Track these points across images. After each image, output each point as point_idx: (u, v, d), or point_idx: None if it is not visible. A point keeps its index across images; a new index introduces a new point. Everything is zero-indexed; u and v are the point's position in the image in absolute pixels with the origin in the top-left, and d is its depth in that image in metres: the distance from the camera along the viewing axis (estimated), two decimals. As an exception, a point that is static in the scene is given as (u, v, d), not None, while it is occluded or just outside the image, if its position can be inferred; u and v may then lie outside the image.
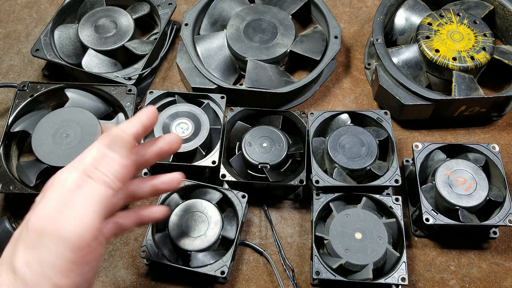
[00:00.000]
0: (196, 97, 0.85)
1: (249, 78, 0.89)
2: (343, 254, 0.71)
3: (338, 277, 0.70)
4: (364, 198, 0.77)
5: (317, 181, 0.76)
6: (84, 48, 0.94)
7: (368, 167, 0.78)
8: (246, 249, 0.80)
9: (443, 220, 0.73)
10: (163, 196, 0.77)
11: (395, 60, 0.90)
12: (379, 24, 0.92)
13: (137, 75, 0.89)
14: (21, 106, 0.84)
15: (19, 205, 0.84)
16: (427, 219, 0.73)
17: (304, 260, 0.79)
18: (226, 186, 0.82)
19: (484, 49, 0.88)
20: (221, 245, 0.77)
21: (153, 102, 0.84)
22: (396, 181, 0.76)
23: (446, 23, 0.91)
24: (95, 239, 0.50)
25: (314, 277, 0.71)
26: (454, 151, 0.82)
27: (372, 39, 0.92)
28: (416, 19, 0.95)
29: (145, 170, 0.86)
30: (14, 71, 0.99)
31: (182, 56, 0.92)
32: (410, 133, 0.92)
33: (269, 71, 0.90)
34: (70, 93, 0.85)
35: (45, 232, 0.49)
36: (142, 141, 0.75)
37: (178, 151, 0.79)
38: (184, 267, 0.72)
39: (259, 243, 0.81)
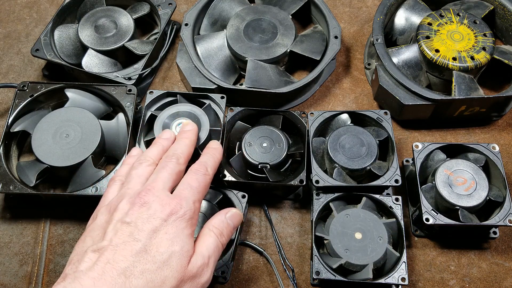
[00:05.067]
0: (196, 97, 0.85)
1: (249, 78, 0.89)
2: (343, 254, 0.71)
3: (338, 277, 0.70)
4: (364, 198, 0.77)
5: (317, 181, 0.76)
6: (84, 48, 0.94)
7: (368, 167, 0.78)
8: (246, 249, 0.80)
9: (443, 220, 0.73)
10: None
11: (395, 60, 0.90)
12: (379, 24, 0.92)
13: (137, 75, 0.89)
14: (21, 106, 0.84)
15: (19, 205, 0.84)
16: (427, 219, 0.73)
17: (304, 260, 0.79)
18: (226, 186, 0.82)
19: (484, 49, 0.88)
20: (221, 245, 0.77)
21: (153, 102, 0.84)
22: (396, 181, 0.76)
23: (446, 23, 0.91)
24: None
25: (314, 277, 0.71)
26: (454, 151, 0.82)
27: (372, 39, 0.92)
28: (416, 19, 0.95)
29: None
30: (14, 71, 0.99)
31: (182, 56, 0.92)
32: (410, 133, 0.92)
33: (269, 71, 0.90)
34: (70, 93, 0.85)
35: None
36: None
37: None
38: (184, 267, 0.72)
39: (259, 243, 0.81)
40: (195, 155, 0.69)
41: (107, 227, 0.57)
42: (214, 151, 0.69)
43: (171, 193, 0.61)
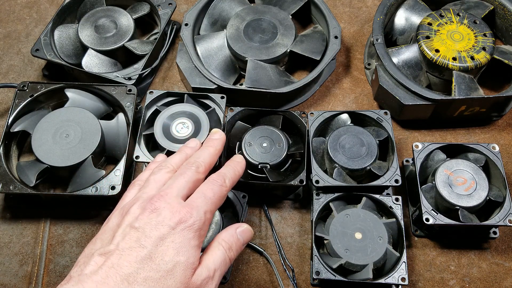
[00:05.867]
0: (196, 97, 0.85)
1: (249, 78, 0.89)
2: (343, 254, 0.71)
3: (338, 277, 0.70)
4: (364, 198, 0.77)
5: (317, 181, 0.76)
6: (84, 48, 0.94)
7: (368, 167, 0.78)
8: (246, 249, 0.80)
9: (443, 220, 0.73)
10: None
11: (395, 60, 0.90)
12: (379, 24, 0.92)
13: (137, 75, 0.89)
14: (21, 106, 0.84)
15: (19, 205, 0.84)
16: (427, 219, 0.73)
17: (304, 260, 0.79)
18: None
19: (484, 49, 0.88)
20: (221, 245, 0.77)
21: (153, 102, 0.84)
22: (396, 181, 0.76)
23: (446, 23, 0.91)
24: None
25: (314, 277, 0.71)
26: (454, 151, 0.82)
27: (372, 39, 0.92)
28: (416, 19, 0.95)
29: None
30: (14, 71, 0.99)
31: (182, 56, 0.92)
32: (410, 133, 0.92)
33: (269, 71, 0.90)
34: (70, 93, 0.85)
35: None
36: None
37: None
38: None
39: (259, 243, 0.81)
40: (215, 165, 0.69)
41: (116, 231, 0.56)
42: (236, 165, 0.68)
43: (185, 201, 0.60)
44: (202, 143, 0.70)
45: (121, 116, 0.84)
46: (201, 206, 0.58)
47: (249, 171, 0.81)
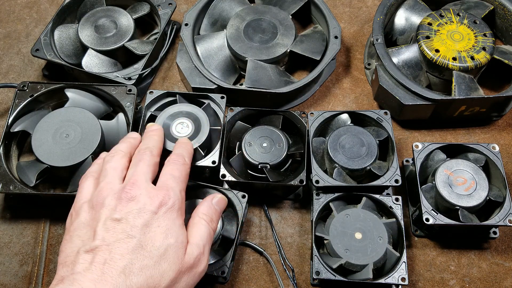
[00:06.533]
0: (196, 97, 0.85)
1: (249, 78, 0.89)
2: (343, 254, 0.71)
3: (338, 277, 0.70)
4: (364, 198, 0.77)
5: (317, 181, 0.76)
6: (84, 48, 0.94)
7: (368, 167, 0.78)
8: (246, 249, 0.80)
9: (443, 220, 0.73)
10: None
11: (395, 60, 0.90)
12: (379, 24, 0.92)
13: (137, 75, 0.89)
14: (21, 106, 0.84)
15: (19, 205, 0.84)
16: (427, 219, 0.73)
17: (304, 260, 0.79)
18: (226, 186, 0.82)
19: (484, 49, 0.88)
20: (221, 245, 0.77)
21: (153, 102, 0.84)
22: (396, 181, 0.76)
23: (446, 23, 0.91)
24: None
25: (314, 277, 0.71)
26: (454, 151, 0.82)
27: (372, 39, 0.92)
28: (416, 19, 0.95)
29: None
30: (14, 71, 0.99)
31: (182, 56, 0.92)
32: (410, 133, 0.92)
33: (269, 71, 0.90)
34: (70, 93, 0.85)
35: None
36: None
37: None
38: (184, 267, 0.72)
39: (259, 243, 0.81)
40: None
41: (96, 225, 0.55)
42: (185, 145, 0.71)
43: (156, 185, 0.60)
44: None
45: (121, 116, 0.84)
46: (175, 186, 0.60)
47: (249, 171, 0.81)
